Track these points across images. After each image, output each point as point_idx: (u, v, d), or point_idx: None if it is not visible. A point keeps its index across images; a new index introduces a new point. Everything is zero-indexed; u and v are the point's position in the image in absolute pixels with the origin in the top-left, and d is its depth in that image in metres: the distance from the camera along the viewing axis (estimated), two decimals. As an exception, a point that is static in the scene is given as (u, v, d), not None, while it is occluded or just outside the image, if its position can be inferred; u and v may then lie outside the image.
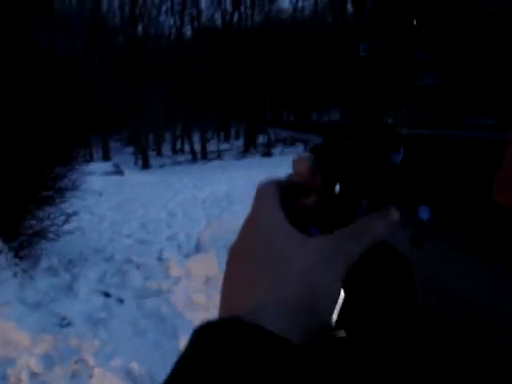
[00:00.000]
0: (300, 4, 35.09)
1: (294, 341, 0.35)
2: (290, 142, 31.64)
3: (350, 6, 31.79)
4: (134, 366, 3.56)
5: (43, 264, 5.54)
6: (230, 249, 0.44)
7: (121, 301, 4.83)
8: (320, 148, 0.50)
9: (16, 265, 5.11)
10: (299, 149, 29.73)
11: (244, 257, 0.42)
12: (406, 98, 0.48)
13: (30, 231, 5.87)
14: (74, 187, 6.36)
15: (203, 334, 0.36)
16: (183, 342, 3.82)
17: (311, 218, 0.47)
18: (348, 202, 0.45)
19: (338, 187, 0.46)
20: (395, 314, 0.46)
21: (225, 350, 0.33)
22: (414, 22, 0.43)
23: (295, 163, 0.50)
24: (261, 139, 31.86)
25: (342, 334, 0.44)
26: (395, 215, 0.43)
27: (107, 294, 4.98)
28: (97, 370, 3.51)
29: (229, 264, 0.43)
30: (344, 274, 0.39)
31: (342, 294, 0.40)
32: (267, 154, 28.71)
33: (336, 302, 0.39)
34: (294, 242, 0.40)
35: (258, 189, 0.47)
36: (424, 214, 0.43)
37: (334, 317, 0.40)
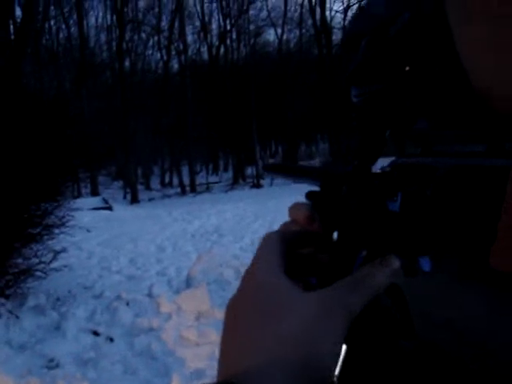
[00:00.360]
0: (285, 36, 35.63)
1: None
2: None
3: (335, 38, 32.44)
4: (125, 407, 3.46)
5: (30, 303, 5.42)
6: (228, 303, 0.43)
7: (110, 339, 4.72)
8: (317, 195, 0.49)
9: (1, 304, 4.99)
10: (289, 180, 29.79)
11: (241, 313, 0.41)
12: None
13: (16, 270, 5.77)
14: (62, 223, 6.29)
15: None
16: (175, 380, 3.73)
17: (311, 268, 0.46)
18: (347, 251, 0.44)
19: (336, 235, 0.45)
20: (398, 363, 0.44)
21: None
22: (407, 68, 0.42)
23: (292, 210, 0.50)
24: (249, 171, 32.00)
25: None
26: (396, 264, 0.41)
27: (96, 333, 4.86)
28: (86, 414, 3.39)
29: (227, 319, 0.42)
30: (346, 327, 0.38)
31: (344, 347, 0.38)
32: (256, 185, 28.78)
33: (339, 356, 0.37)
34: (291, 298, 0.39)
35: (262, 239, 0.46)
36: (426, 265, 0.41)
37: (336, 372, 0.38)
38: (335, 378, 0.38)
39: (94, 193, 26.47)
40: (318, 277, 0.44)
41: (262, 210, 13.64)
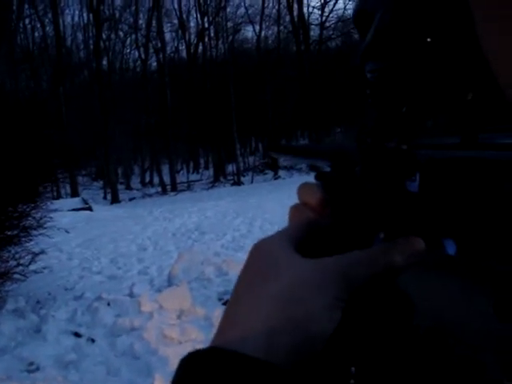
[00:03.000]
0: (263, 33, 35.63)
1: (279, 362, 0.33)
2: (260, 170, 31.84)
3: (312, 34, 32.55)
4: (107, 408, 3.43)
5: (9, 306, 5.35)
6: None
7: (92, 340, 4.68)
8: (328, 176, 0.46)
9: (-20, 309, 4.93)
10: (269, 176, 29.93)
11: (240, 279, 0.40)
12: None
13: (-6, 273, 5.69)
14: (40, 225, 6.22)
15: (182, 366, 0.34)
16: (158, 380, 3.71)
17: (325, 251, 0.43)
18: (363, 234, 0.41)
19: (351, 218, 0.42)
20: (409, 346, 0.43)
21: (200, 379, 0.32)
22: (428, 40, 0.40)
23: (302, 192, 0.46)
24: (230, 168, 31.98)
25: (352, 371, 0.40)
26: (419, 244, 0.39)
27: (78, 334, 4.82)
28: (68, 416, 3.36)
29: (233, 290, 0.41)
30: (342, 295, 0.36)
31: (340, 313, 0.36)
32: (237, 182, 28.79)
33: (331, 322, 0.35)
34: (289, 262, 0.38)
35: (279, 230, 0.43)
36: (451, 248, 0.39)
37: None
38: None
39: (74, 193, 26.24)
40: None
41: (243, 207, 13.64)
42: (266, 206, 13.27)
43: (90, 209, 15.93)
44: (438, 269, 0.40)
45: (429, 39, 0.40)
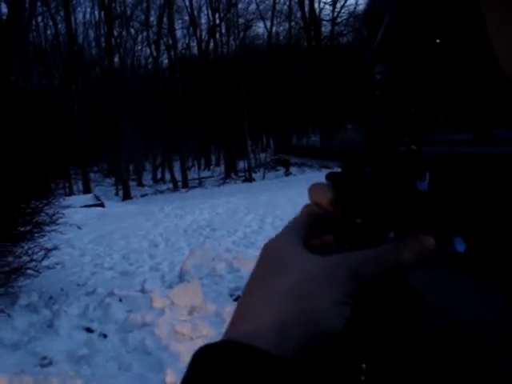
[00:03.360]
0: (275, 29, 35.55)
1: (289, 355, 0.34)
2: (271, 167, 31.82)
3: (324, 30, 32.43)
4: (119, 403, 3.45)
5: (22, 301, 5.40)
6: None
7: (104, 336, 4.71)
8: (339, 176, 0.47)
9: (-6, 304, 4.97)
10: (281, 172, 29.90)
11: (251, 276, 0.41)
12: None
13: (7, 268, 5.74)
14: (53, 221, 6.26)
15: (195, 359, 0.34)
16: (169, 375, 3.73)
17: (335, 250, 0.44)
18: (373, 234, 0.42)
19: (361, 218, 0.43)
20: (419, 343, 0.43)
21: (212, 372, 0.33)
22: (437, 41, 0.40)
23: (313, 192, 0.47)
24: (241, 165, 31.99)
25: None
26: (429, 242, 0.39)
27: (90, 330, 4.85)
28: (80, 411, 3.38)
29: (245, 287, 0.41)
30: (350, 291, 0.37)
31: (349, 310, 0.37)
32: (248, 179, 28.79)
33: (340, 318, 0.36)
34: (297, 259, 0.39)
35: (288, 225, 0.44)
36: (460, 245, 0.39)
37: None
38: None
39: (86, 190, 26.39)
40: None
41: (254, 204, 13.64)
42: (278, 202, 13.26)
43: (102, 205, 16.01)
44: (448, 266, 0.40)
45: (438, 40, 0.40)
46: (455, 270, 0.40)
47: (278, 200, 13.74)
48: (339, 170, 0.52)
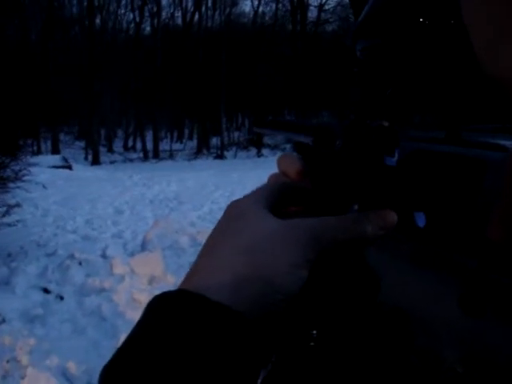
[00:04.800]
0: (261, 9, 35.22)
1: (242, 310, 0.34)
2: (243, 146, 31.73)
3: (310, 15, 32.26)
4: (71, 365, 3.45)
5: (-21, 256, 5.32)
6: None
7: (61, 297, 4.68)
8: (308, 148, 0.47)
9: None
10: (253, 152, 29.85)
11: (211, 233, 0.41)
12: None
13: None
14: (18, 178, 6.14)
15: (150, 307, 0.35)
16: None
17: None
18: (337, 205, 0.42)
19: (327, 189, 0.43)
20: (372, 323, 0.44)
21: (165, 319, 0.33)
22: (420, 20, 0.39)
23: (282, 162, 0.47)
24: (214, 141, 31.81)
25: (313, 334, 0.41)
26: (392, 217, 0.40)
27: (47, 290, 4.81)
28: (30, 370, 3.37)
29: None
30: (310, 255, 0.37)
31: (306, 274, 0.37)
32: (220, 156, 28.69)
33: (297, 280, 0.36)
34: (260, 219, 0.39)
35: (254, 190, 0.44)
36: (421, 221, 0.40)
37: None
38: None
39: (55, 151, 25.91)
40: None
41: (224, 181, 13.62)
42: (247, 182, 13.25)
43: (69, 167, 15.76)
44: (409, 258, 0.41)
45: (421, 19, 0.40)
46: (414, 263, 0.41)
47: (248, 180, 13.73)
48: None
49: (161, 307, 0.34)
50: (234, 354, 0.32)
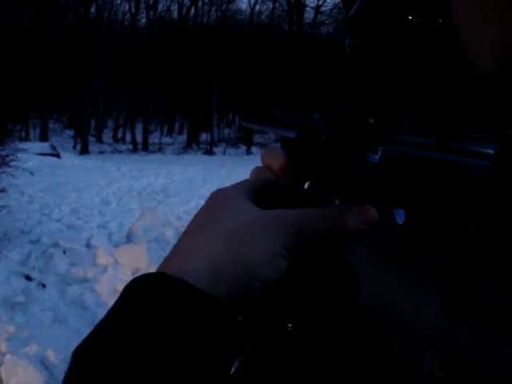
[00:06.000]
0: (258, 7, 35.18)
1: (219, 296, 0.34)
2: (233, 144, 31.69)
3: (306, 16, 32.26)
4: (50, 353, 3.43)
5: (-38, 240, 5.27)
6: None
7: (43, 285, 4.65)
8: (293, 143, 0.47)
9: None
10: (242, 150, 29.82)
11: (191, 220, 0.41)
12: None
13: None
14: (5, 163, 6.09)
15: (128, 288, 0.35)
16: (104, 333, 3.71)
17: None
18: (319, 199, 0.42)
19: (308, 184, 0.43)
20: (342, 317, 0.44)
21: (142, 301, 0.33)
22: (409, 18, 0.39)
23: (266, 156, 0.47)
24: (204, 136, 31.74)
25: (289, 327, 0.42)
26: (373, 213, 0.39)
27: (29, 278, 4.78)
28: (8, 357, 3.34)
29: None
30: (289, 245, 0.37)
31: (285, 265, 0.37)
32: (209, 152, 28.63)
33: (275, 270, 0.36)
34: (241, 207, 0.39)
35: (239, 182, 0.45)
36: (400, 217, 0.40)
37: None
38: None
39: (43, 138, 25.68)
40: None
41: (212, 177, 13.60)
42: (236, 178, 12.92)
43: (57, 155, 15.63)
44: (389, 256, 0.41)
45: (410, 17, 0.39)
46: (396, 263, 0.41)
47: (237, 176, 13.60)
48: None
49: (138, 289, 0.34)
50: (209, 339, 0.32)
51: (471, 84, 0.32)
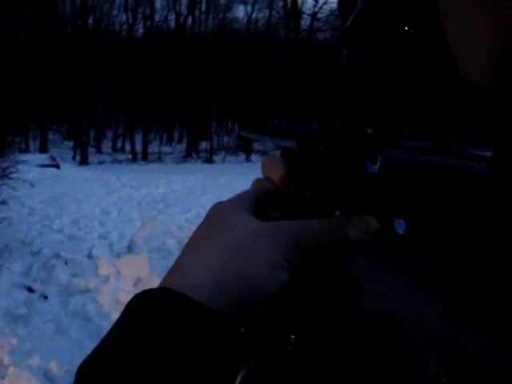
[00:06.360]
0: (255, 15, 35.28)
1: (220, 309, 0.34)
2: (233, 151, 31.70)
3: (303, 23, 32.37)
4: (53, 365, 3.42)
5: (-37, 253, 5.26)
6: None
7: (45, 297, 4.65)
8: (293, 153, 0.47)
9: None
10: (242, 157, 29.83)
11: (193, 234, 0.42)
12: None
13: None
14: (5, 175, 6.10)
15: (130, 304, 0.35)
16: (107, 344, 3.70)
17: None
18: (319, 210, 0.42)
19: (309, 194, 0.43)
20: (351, 327, 0.43)
21: (144, 317, 0.33)
22: (406, 28, 0.40)
23: (266, 166, 0.47)
24: (203, 145, 31.76)
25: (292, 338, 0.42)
26: (373, 223, 0.40)
27: (31, 289, 4.77)
28: (11, 370, 3.33)
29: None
30: (290, 257, 0.37)
31: (286, 276, 0.37)
32: (209, 160, 28.64)
33: (277, 282, 0.36)
34: (242, 221, 0.39)
35: (238, 194, 0.45)
36: (400, 228, 0.40)
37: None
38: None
39: (43, 149, 25.71)
40: None
41: (212, 185, 13.60)
42: (236, 186, 13.23)
43: (57, 166, 15.64)
44: (391, 263, 0.40)
45: (406, 28, 0.40)
46: (398, 268, 0.41)
47: (237, 184, 13.70)
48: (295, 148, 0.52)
49: (141, 305, 0.34)
50: (211, 353, 0.32)
51: (467, 89, 0.32)
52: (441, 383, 0.34)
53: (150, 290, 0.35)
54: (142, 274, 5.06)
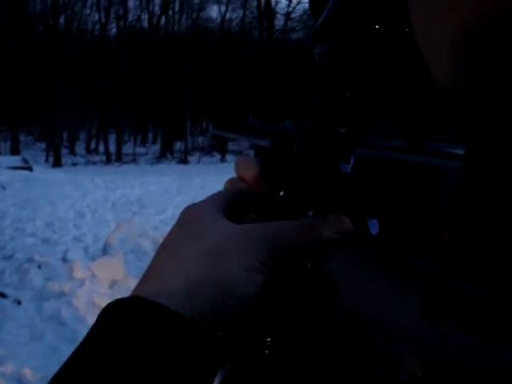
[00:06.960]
0: (228, 15, 35.25)
1: (195, 315, 0.34)
2: (207, 152, 31.64)
3: (277, 23, 32.46)
4: (27, 371, 3.36)
5: None
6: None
7: (18, 302, 4.57)
8: (266, 152, 0.47)
9: None
10: (217, 158, 29.79)
11: (165, 238, 0.41)
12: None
13: None
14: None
15: (102, 314, 0.35)
16: (82, 348, 3.66)
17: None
18: (293, 210, 0.42)
19: (282, 194, 0.43)
20: (326, 325, 0.43)
21: (117, 327, 0.33)
22: (376, 27, 0.39)
23: (239, 166, 0.46)
24: (178, 146, 31.63)
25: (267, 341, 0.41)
26: (347, 223, 0.39)
27: (3, 295, 4.69)
28: (-16, 376, 3.28)
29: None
30: (265, 259, 0.36)
31: (262, 279, 0.36)
32: (183, 161, 28.53)
33: (252, 285, 0.36)
34: (215, 223, 0.38)
35: (210, 196, 0.44)
36: (374, 228, 0.39)
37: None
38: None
39: (14, 151, 25.29)
40: None
41: (187, 186, 13.55)
42: (211, 187, 13.17)
43: (30, 169, 15.41)
44: (367, 261, 0.40)
45: (377, 26, 0.40)
46: (373, 267, 0.41)
47: (212, 185, 13.64)
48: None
49: (113, 316, 0.34)
50: (185, 360, 0.32)
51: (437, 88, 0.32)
52: (416, 378, 0.34)
53: (121, 300, 0.35)
54: (117, 276, 5.02)
